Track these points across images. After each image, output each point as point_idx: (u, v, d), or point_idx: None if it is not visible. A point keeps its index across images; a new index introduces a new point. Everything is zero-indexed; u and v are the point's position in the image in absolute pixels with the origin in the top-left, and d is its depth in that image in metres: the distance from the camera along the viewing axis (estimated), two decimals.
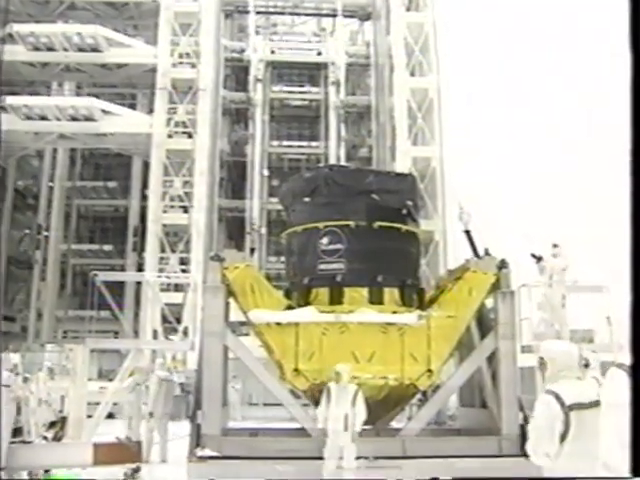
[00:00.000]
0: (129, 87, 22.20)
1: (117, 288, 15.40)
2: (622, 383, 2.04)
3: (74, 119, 18.05)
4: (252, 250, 17.43)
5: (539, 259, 9.90)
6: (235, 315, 8.21)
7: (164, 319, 13.11)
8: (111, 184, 23.38)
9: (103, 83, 21.45)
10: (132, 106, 21.25)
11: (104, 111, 18.13)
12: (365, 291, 7.48)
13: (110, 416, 9.72)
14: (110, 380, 11.77)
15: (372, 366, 7.06)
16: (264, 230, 20.19)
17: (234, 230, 23.95)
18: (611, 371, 2.21)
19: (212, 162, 19.29)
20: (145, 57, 19.08)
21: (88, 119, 18.10)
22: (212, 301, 7.36)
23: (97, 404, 9.32)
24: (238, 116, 22.52)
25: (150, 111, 19.30)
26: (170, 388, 9.41)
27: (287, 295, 7.99)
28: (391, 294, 7.60)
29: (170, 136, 18.03)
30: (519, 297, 8.95)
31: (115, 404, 10.11)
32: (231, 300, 7.77)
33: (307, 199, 7.98)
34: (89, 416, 9.11)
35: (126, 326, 14.15)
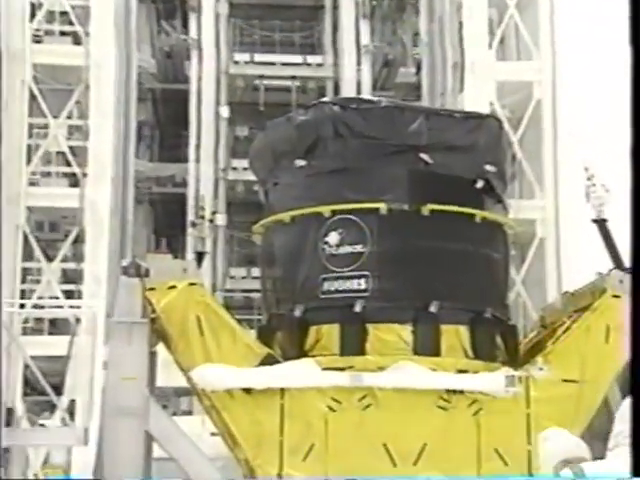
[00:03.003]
0: None
1: None
2: None
3: None
4: (200, 256, 17.49)
5: None
6: (168, 376, 8.32)
7: (29, 386, 13.26)
8: None
9: None
10: None
11: None
12: (406, 331, 7.66)
13: None
14: None
15: (421, 471, 7.22)
16: (222, 219, 20.40)
17: (167, 219, 24.23)
18: None
19: (124, 92, 19.43)
20: None
21: None
22: (125, 350, 7.53)
23: None
24: (169, 4, 22.92)
25: None
26: None
27: (264, 337, 8.20)
28: (455, 337, 7.78)
29: (38, 40, 17.83)
30: None
31: None
32: (161, 347, 7.91)
33: (301, 162, 8.13)
34: None
35: None
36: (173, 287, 7.70)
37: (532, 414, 7.52)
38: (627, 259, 10.31)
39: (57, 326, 15.50)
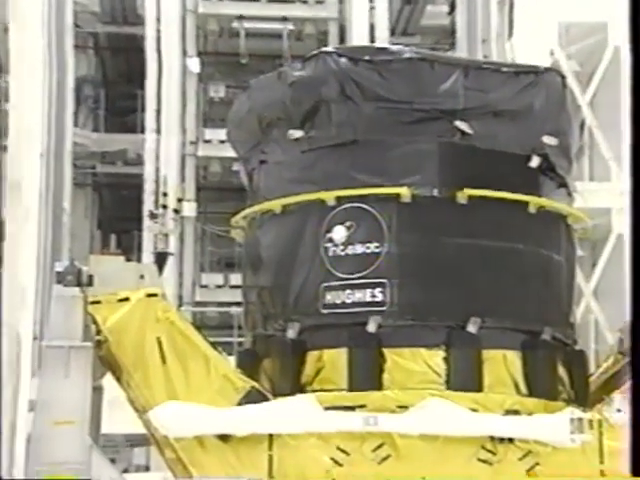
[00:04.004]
0: None
1: None
2: None
3: None
4: (161, 258, 17.39)
5: None
6: (117, 419, 8.37)
7: None
8: None
9: None
10: None
11: None
12: (437, 357, 7.73)
13: None
14: None
15: None
16: (190, 209, 20.35)
17: (116, 209, 24.15)
18: None
19: (55, 37, 19.32)
20: None
21: None
22: (59, 384, 7.58)
23: None
24: None
25: None
26: None
27: (247, 366, 8.25)
28: (502, 365, 7.86)
29: None
30: None
31: None
32: (108, 380, 8.01)
33: (296, 133, 8.21)
34: None
35: None
36: (125, 300, 7.76)
37: (607, 471, 7.57)
38: None
39: None
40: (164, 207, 18.30)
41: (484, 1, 19.22)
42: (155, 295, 7.90)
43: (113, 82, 23.97)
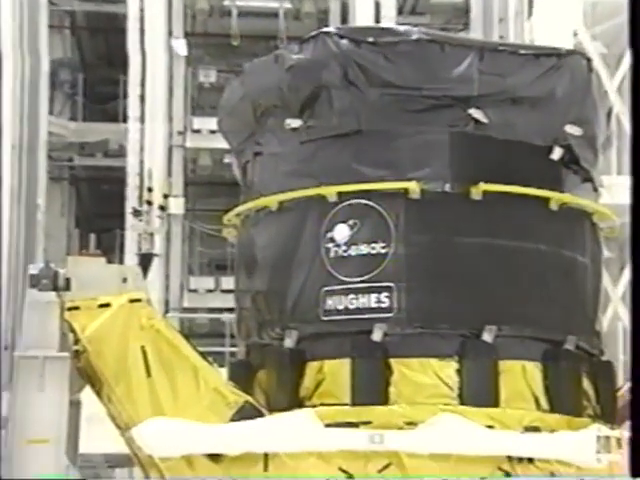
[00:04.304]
0: None
1: None
2: None
3: None
4: (146, 259, 17.37)
5: None
6: (97, 437, 8.34)
7: None
8: None
9: None
10: None
11: None
12: (449, 369, 7.74)
13: None
14: None
15: None
16: (178, 206, 20.33)
17: (96, 205, 24.22)
18: None
19: (27, 15, 19.26)
20: None
21: None
22: (33, 399, 7.58)
23: None
24: None
25: None
26: None
27: (240, 378, 8.28)
28: (521, 378, 7.86)
29: None
30: None
31: None
32: (88, 394, 8.02)
33: (294, 123, 8.23)
34: None
35: None
36: (106, 305, 7.78)
37: None
38: None
39: None
40: (149, 203, 18.25)
41: None
42: (139, 300, 7.92)
43: (92, 66, 23.96)
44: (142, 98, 19.58)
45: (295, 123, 8.19)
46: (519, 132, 8.10)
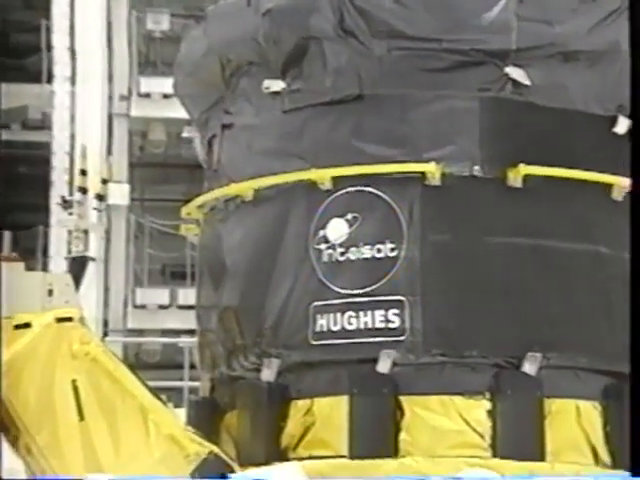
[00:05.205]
0: None
1: None
2: None
3: None
4: (78, 265, 17.36)
5: None
6: None
7: None
8: None
9: None
10: None
11: None
12: (479, 410, 7.74)
13: None
14: None
15: None
16: (120, 195, 20.32)
17: (11, 194, 24.15)
18: None
19: None
20: None
21: None
22: None
23: None
24: None
25: None
26: None
27: (202, 421, 8.32)
28: (575, 422, 7.87)
29: None
30: None
31: None
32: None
33: (275, 85, 8.25)
34: None
35: None
36: (25, 326, 7.77)
37: None
38: None
39: None
40: (82, 191, 18.30)
41: None
42: (69, 319, 7.91)
43: (5, 7, 23.97)
44: (72, 51, 19.60)
45: (276, 86, 8.22)
46: (572, 98, 8.11)
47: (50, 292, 7.98)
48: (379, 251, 7.83)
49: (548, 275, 7.94)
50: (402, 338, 7.72)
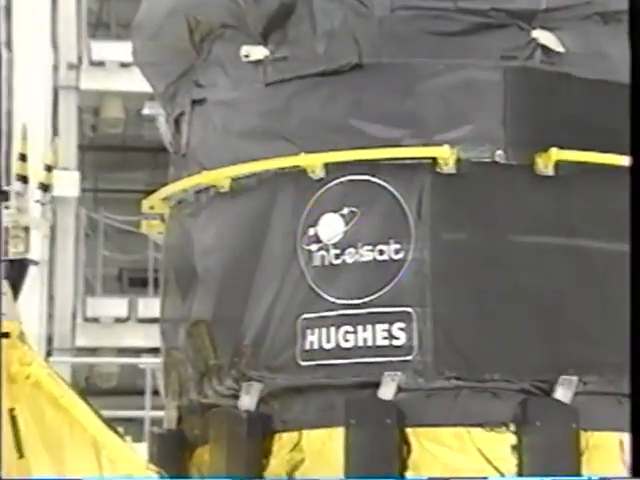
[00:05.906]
0: None
1: None
2: None
3: None
4: (17, 269, 17.40)
5: None
6: None
7: None
8: None
9: None
10: None
11: None
12: (502, 443, 7.80)
13: None
14: None
15: None
16: (69, 185, 20.24)
17: None
18: None
19: None
20: None
21: None
22: None
23: None
24: None
25: None
26: None
27: (167, 457, 8.47)
28: (618, 456, 7.89)
29: None
30: None
31: None
32: None
33: (254, 51, 8.33)
34: None
35: None
36: None
37: None
38: None
39: None
40: (22, 180, 18.28)
41: None
42: (6, 335, 7.99)
43: None
44: (7, 10, 19.63)
45: (257, 53, 8.29)
46: (614, 67, 8.03)
47: None
48: (381, 253, 7.90)
49: (585, 282, 8.01)
50: (409, 358, 7.79)
